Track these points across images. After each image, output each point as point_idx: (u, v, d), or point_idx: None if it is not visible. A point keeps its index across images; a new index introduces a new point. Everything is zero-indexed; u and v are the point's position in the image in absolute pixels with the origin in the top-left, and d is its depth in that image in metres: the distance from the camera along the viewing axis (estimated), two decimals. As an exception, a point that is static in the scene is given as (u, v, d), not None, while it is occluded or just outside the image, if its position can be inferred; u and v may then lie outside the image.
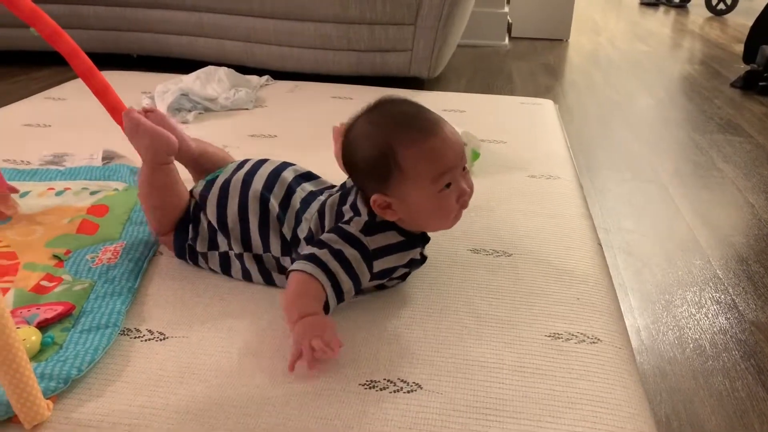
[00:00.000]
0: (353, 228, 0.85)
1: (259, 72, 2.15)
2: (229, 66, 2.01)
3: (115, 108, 1.23)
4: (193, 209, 0.97)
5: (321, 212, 0.90)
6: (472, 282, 0.96)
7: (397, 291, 0.93)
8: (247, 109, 1.81)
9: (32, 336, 0.76)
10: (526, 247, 1.07)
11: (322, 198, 0.93)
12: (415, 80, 2.22)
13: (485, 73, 2.67)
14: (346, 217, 0.87)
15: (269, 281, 0.92)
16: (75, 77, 1.61)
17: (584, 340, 0.83)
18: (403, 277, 0.93)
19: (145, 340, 0.81)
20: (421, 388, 0.74)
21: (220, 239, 0.93)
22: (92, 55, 1.17)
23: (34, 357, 0.75)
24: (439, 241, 1.07)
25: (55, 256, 0.97)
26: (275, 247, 0.91)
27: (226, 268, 0.94)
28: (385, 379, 0.75)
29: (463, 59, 2.89)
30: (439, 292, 0.93)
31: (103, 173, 1.28)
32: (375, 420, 0.69)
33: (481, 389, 0.74)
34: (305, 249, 0.86)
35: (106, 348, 0.78)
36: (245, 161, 0.99)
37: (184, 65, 2.14)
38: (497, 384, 0.75)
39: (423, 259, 0.94)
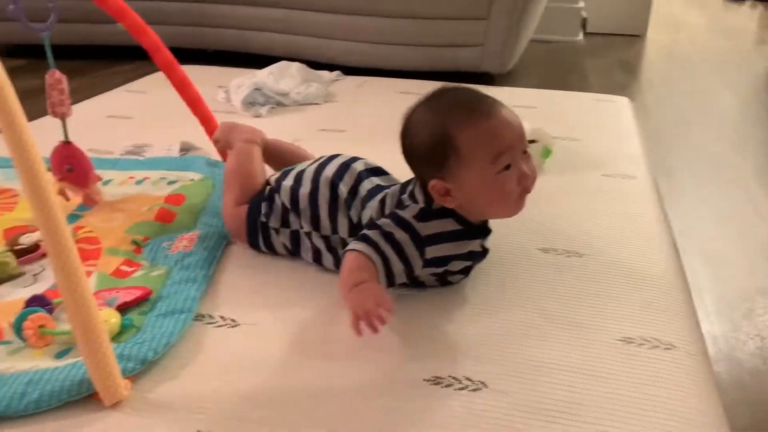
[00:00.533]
0: (407, 214, 0.86)
1: (331, 67, 2.18)
2: (301, 61, 2.05)
3: (194, 101, 1.27)
4: (269, 192, 1.01)
5: (382, 200, 0.91)
6: (540, 281, 0.94)
7: (462, 287, 0.92)
8: (317, 103, 1.84)
9: (112, 318, 0.80)
10: (598, 248, 1.04)
11: (387, 190, 0.94)
12: (486, 76, 2.19)
13: (558, 70, 2.61)
14: (404, 205, 0.88)
15: (337, 258, 0.94)
16: (155, 71, 1.66)
17: (657, 346, 0.80)
18: (466, 272, 0.92)
19: (218, 326, 0.84)
20: (487, 387, 0.73)
21: (292, 218, 0.97)
22: (171, 50, 1.21)
23: (114, 338, 0.78)
24: (508, 240, 1.06)
25: (134, 243, 1.01)
26: (343, 228, 0.93)
27: (296, 246, 0.97)
28: (450, 376, 0.75)
29: (535, 55, 2.83)
30: (506, 290, 0.92)
31: (180, 164, 1.33)
32: (440, 416, 0.69)
33: (548, 391, 0.73)
34: (361, 232, 0.87)
35: (181, 332, 0.80)
36: (320, 157, 1.02)
37: (258, 60, 2.19)
38: (564, 387, 0.73)
39: (484, 251, 0.93)
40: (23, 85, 2.03)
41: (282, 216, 0.98)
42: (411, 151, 0.88)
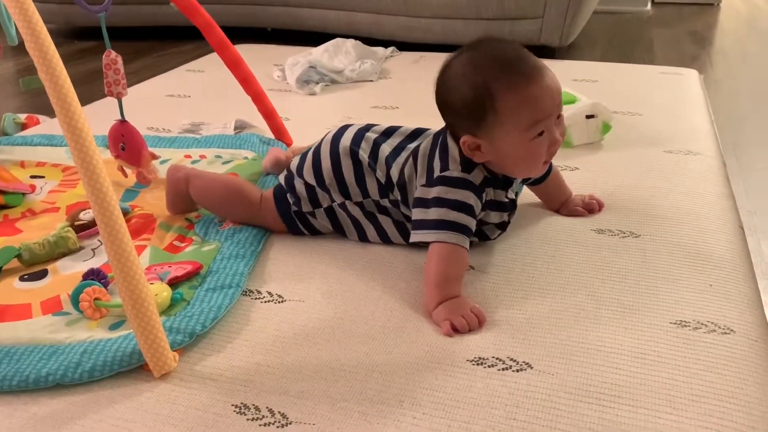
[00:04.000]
0: (455, 172, 0.86)
1: (386, 43, 2.16)
2: (357, 38, 2.03)
3: (245, 79, 1.28)
4: (286, 182, 1.00)
5: (414, 156, 0.91)
6: (593, 263, 0.91)
7: (509, 270, 0.90)
8: (371, 80, 1.83)
9: (164, 292, 0.82)
10: (656, 228, 1.00)
11: (411, 146, 0.94)
12: (546, 49, 2.13)
13: (623, 42, 2.51)
14: (439, 162, 0.88)
15: (377, 226, 0.95)
16: (214, 51, 1.69)
17: (715, 330, 0.77)
18: (502, 227, 0.93)
19: (265, 302, 0.85)
20: (531, 368, 0.72)
21: (321, 196, 0.97)
22: (230, 29, 1.22)
23: (165, 311, 0.81)
24: (560, 220, 1.03)
25: (187, 219, 1.04)
26: (373, 190, 0.94)
27: (335, 221, 0.98)
28: (493, 357, 0.73)
29: (598, 27, 2.73)
30: (556, 272, 0.89)
31: (234, 142, 1.35)
32: (481, 395, 0.68)
33: (596, 373, 0.71)
34: (422, 213, 0.86)
35: (229, 307, 0.82)
36: (330, 130, 1.01)
37: (315, 38, 2.19)
38: (613, 369, 0.71)
39: (513, 203, 0.94)
40: (92, 66, 2.11)
41: (310, 197, 0.97)
42: (447, 103, 0.87)
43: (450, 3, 2.16)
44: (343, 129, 0.99)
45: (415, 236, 0.87)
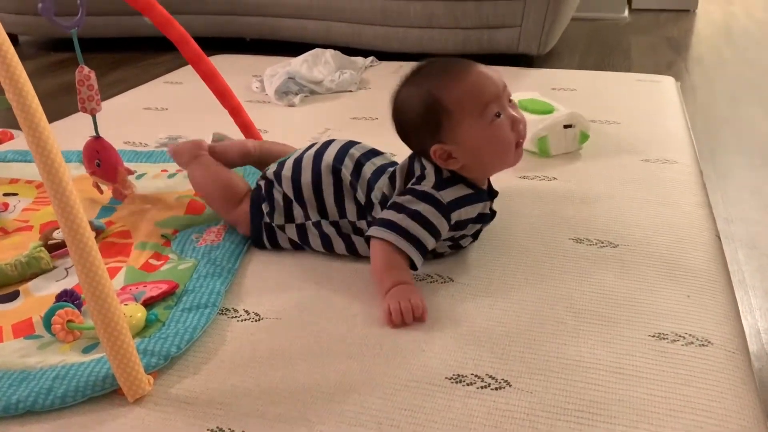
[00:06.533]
0: (426, 186, 0.89)
1: (365, 53, 2.16)
2: (335, 48, 2.03)
3: (221, 92, 1.27)
4: (266, 190, 1.00)
5: (392, 177, 0.94)
6: (571, 274, 0.91)
7: (489, 281, 0.90)
8: (350, 91, 1.82)
9: (138, 313, 0.81)
10: (634, 238, 1.00)
11: (391, 169, 0.96)
12: (524, 57, 2.14)
13: (600, 49, 2.53)
14: (416, 178, 0.91)
15: (348, 242, 0.95)
16: (191, 62, 1.68)
17: (693, 342, 0.77)
18: (475, 236, 0.96)
19: (241, 321, 0.84)
20: (510, 386, 0.71)
21: (296, 211, 0.97)
22: (208, 39, 1.20)
23: (139, 333, 0.79)
24: (538, 230, 1.03)
25: (163, 236, 1.02)
26: (351, 212, 0.94)
27: (303, 238, 0.97)
28: (472, 374, 0.73)
29: (576, 34, 2.75)
30: (535, 284, 0.89)
31: (212, 155, 1.33)
32: (459, 415, 0.67)
33: (575, 390, 0.70)
34: (382, 213, 0.89)
35: (204, 327, 0.81)
36: (312, 144, 1.02)
37: (294, 48, 2.19)
38: (592, 386, 0.71)
39: (492, 214, 0.96)
40: (69, 78, 2.08)
41: (285, 209, 0.97)
42: (405, 126, 0.92)
43: (427, 12, 2.16)
44: (327, 144, 0.99)
45: (369, 231, 0.89)
